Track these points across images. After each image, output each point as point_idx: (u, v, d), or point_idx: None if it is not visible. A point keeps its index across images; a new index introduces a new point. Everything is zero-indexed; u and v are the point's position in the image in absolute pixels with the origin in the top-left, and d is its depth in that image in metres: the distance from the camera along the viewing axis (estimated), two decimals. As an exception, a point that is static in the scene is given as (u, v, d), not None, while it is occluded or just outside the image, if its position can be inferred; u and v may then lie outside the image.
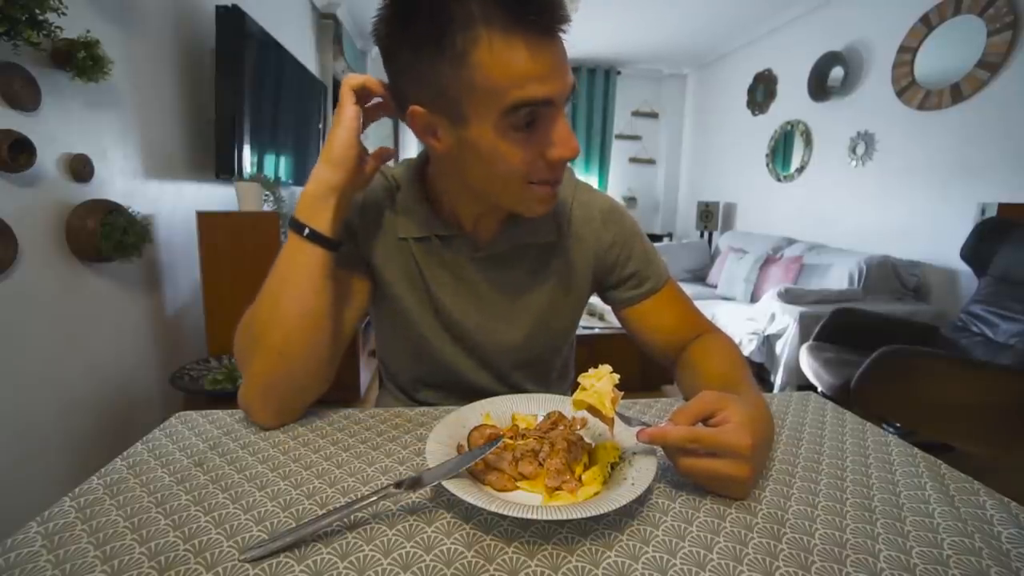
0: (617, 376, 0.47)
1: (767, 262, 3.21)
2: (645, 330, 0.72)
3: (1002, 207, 2.16)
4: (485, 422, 0.56)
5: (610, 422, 0.47)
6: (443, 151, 0.54)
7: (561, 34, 0.48)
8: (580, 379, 0.48)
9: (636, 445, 0.48)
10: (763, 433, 0.46)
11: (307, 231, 0.55)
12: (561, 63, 0.48)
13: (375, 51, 4.57)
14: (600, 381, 0.46)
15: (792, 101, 3.62)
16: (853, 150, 3.06)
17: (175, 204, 1.78)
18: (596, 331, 2.57)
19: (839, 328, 2.16)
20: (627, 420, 0.52)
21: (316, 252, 0.56)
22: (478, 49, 0.45)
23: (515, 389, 0.72)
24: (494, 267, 0.67)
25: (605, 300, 0.76)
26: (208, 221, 1.70)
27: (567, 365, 0.85)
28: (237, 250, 1.71)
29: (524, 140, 0.50)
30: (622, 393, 0.47)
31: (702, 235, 4.51)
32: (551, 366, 0.78)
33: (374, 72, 4.67)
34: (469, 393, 0.70)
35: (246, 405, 0.57)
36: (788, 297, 2.56)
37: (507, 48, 0.45)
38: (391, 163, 0.73)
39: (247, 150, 1.90)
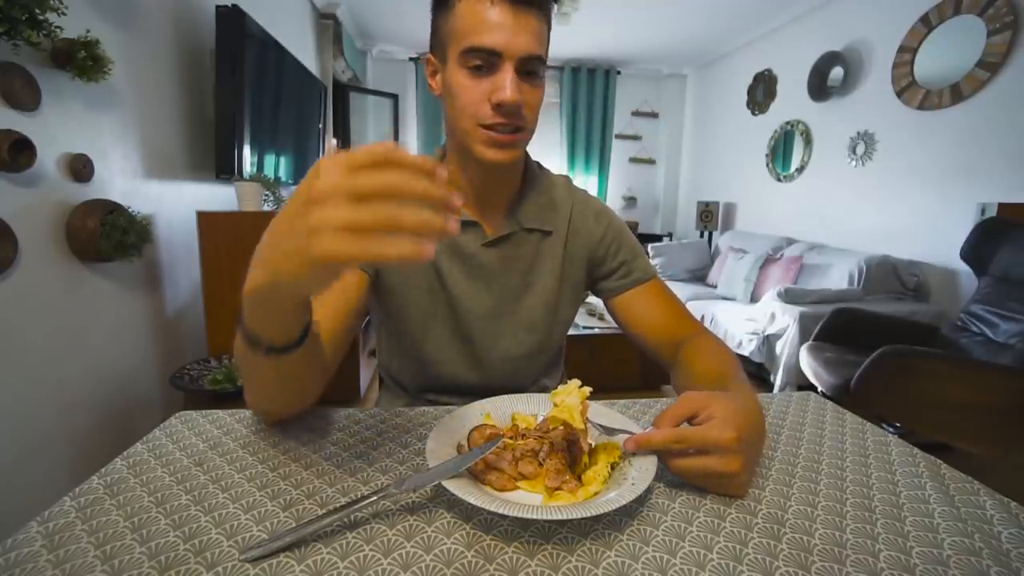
0: (588, 389, 0.49)
1: (767, 262, 3.21)
2: (633, 321, 0.75)
3: (1002, 207, 2.16)
4: (485, 422, 0.56)
5: (583, 434, 0.48)
6: (438, 93, 0.66)
7: (533, 11, 0.58)
8: (550, 397, 0.49)
9: (635, 445, 0.48)
10: (749, 426, 0.46)
11: (266, 348, 0.43)
12: (519, 28, 0.57)
13: (375, 51, 4.61)
14: (569, 397, 0.48)
15: (792, 101, 3.61)
16: (853, 150, 3.06)
17: (175, 204, 1.78)
18: (596, 331, 2.56)
19: (839, 328, 2.16)
20: (610, 431, 0.52)
21: (289, 358, 0.45)
22: (461, 3, 0.58)
23: (513, 386, 0.73)
24: (501, 253, 0.71)
25: (596, 293, 0.80)
26: (208, 221, 1.69)
27: (560, 357, 0.87)
28: (237, 250, 1.71)
29: (476, 82, 0.59)
30: (589, 404, 0.50)
31: (702, 235, 4.51)
32: (548, 358, 0.81)
33: (374, 70, 4.68)
34: (469, 392, 0.70)
35: (251, 410, 0.58)
36: (788, 297, 2.56)
37: (478, 3, 0.57)
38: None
39: (247, 150, 1.90)
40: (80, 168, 1.30)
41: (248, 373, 0.49)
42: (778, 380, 2.46)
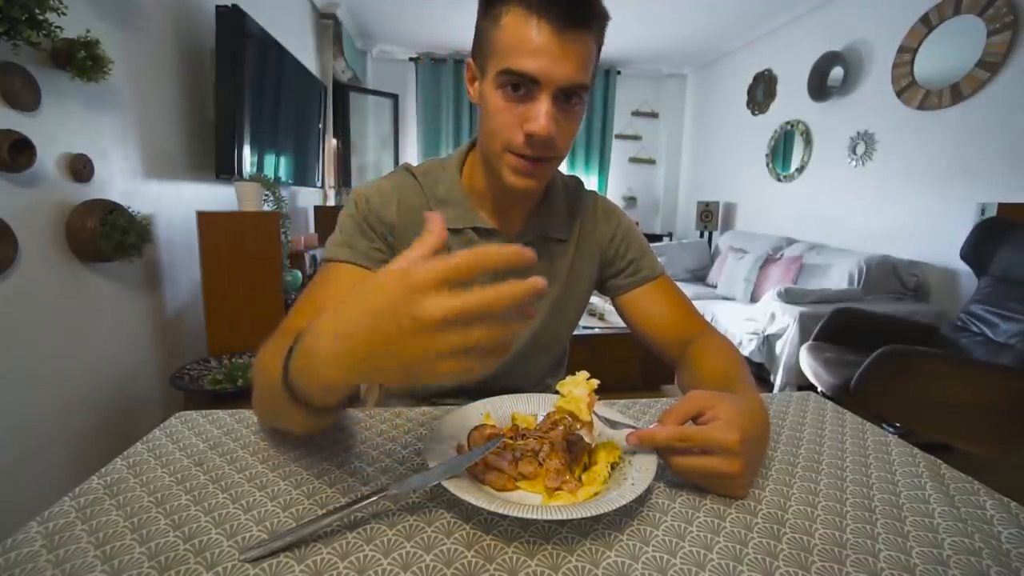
0: (596, 382, 0.48)
1: (767, 262, 3.21)
2: (640, 318, 0.76)
3: (1002, 207, 2.16)
4: (485, 422, 0.56)
5: (588, 426, 0.48)
6: (474, 99, 0.63)
7: (582, 34, 0.54)
8: (558, 387, 0.49)
9: (635, 445, 0.48)
10: (754, 428, 0.46)
11: (304, 402, 0.41)
12: (564, 54, 0.53)
13: (375, 51, 4.61)
14: (577, 388, 0.48)
15: (792, 101, 3.61)
16: (853, 150, 3.06)
17: (175, 204, 1.78)
18: (596, 331, 2.56)
19: (839, 328, 2.16)
20: (614, 424, 0.52)
21: (325, 415, 0.45)
22: (507, 16, 0.55)
23: (518, 387, 0.73)
24: None
25: (604, 291, 0.80)
26: (208, 221, 1.69)
27: (565, 358, 0.88)
28: (237, 250, 1.71)
29: (511, 106, 0.57)
30: (598, 397, 0.49)
31: (702, 235, 4.51)
32: (554, 359, 0.82)
33: (374, 70, 4.68)
34: (471, 393, 0.70)
35: (257, 421, 0.59)
36: (788, 297, 2.56)
37: (523, 22, 0.53)
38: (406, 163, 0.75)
39: (247, 150, 1.90)
40: (80, 168, 1.30)
41: (261, 396, 0.47)
42: (778, 380, 2.46)
